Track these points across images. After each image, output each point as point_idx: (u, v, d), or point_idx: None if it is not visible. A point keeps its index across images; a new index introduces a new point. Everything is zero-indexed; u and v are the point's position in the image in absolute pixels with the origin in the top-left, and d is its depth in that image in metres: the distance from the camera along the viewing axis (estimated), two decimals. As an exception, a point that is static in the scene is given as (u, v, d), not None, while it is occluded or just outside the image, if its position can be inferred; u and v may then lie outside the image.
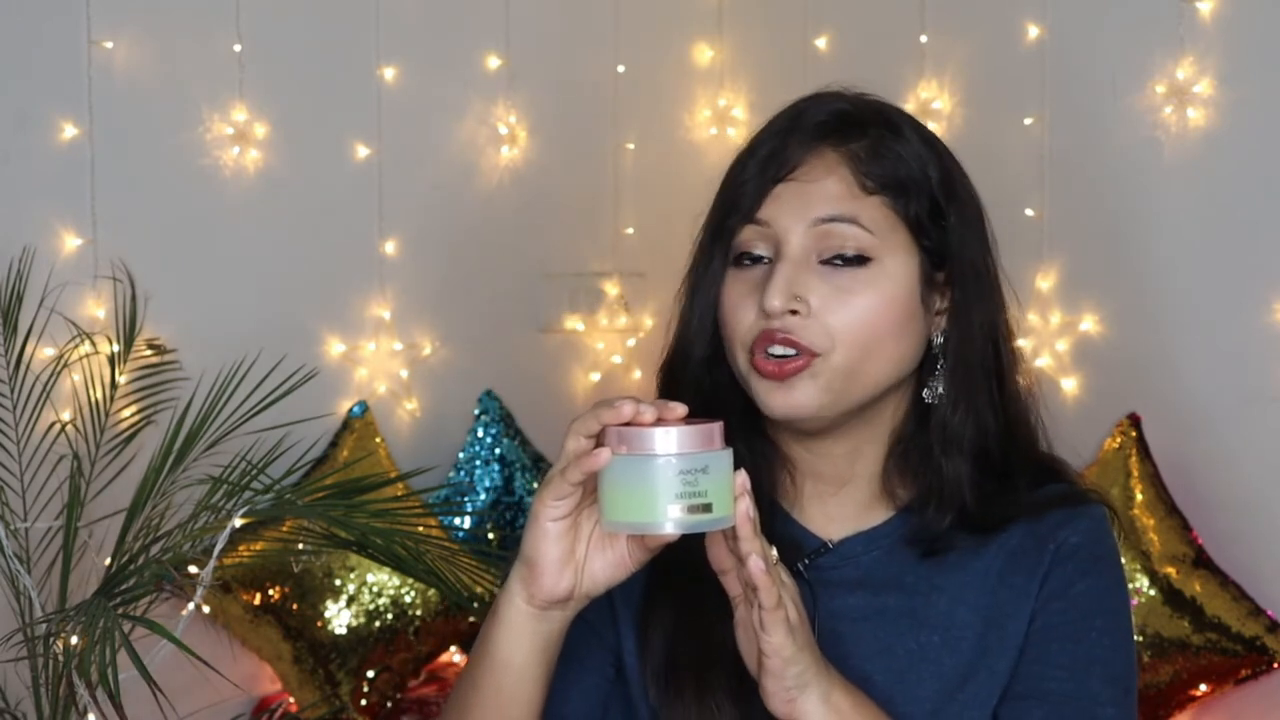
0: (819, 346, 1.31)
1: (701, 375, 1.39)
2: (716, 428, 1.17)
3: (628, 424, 1.17)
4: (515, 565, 1.26)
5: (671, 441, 1.15)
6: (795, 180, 1.34)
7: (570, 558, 1.24)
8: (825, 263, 1.33)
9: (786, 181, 1.35)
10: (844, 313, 1.31)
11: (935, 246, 1.36)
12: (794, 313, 1.31)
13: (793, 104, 1.41)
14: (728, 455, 1.17)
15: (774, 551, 1.22)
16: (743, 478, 1.19)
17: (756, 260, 1.35)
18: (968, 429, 1.37)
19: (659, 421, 1.17)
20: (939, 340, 1.38)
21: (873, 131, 1.36)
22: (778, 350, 1.31)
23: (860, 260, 1.33)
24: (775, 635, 1.20)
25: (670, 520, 1.15)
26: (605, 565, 1.25)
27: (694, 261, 1.41)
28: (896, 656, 1.36)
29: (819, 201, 1.33)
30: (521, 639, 1.27)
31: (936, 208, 1.36)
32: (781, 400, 1.32)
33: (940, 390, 1.37)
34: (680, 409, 1.19)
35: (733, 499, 1.17)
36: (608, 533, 1.23)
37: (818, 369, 1.31)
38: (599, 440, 1.19)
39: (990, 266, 1.40)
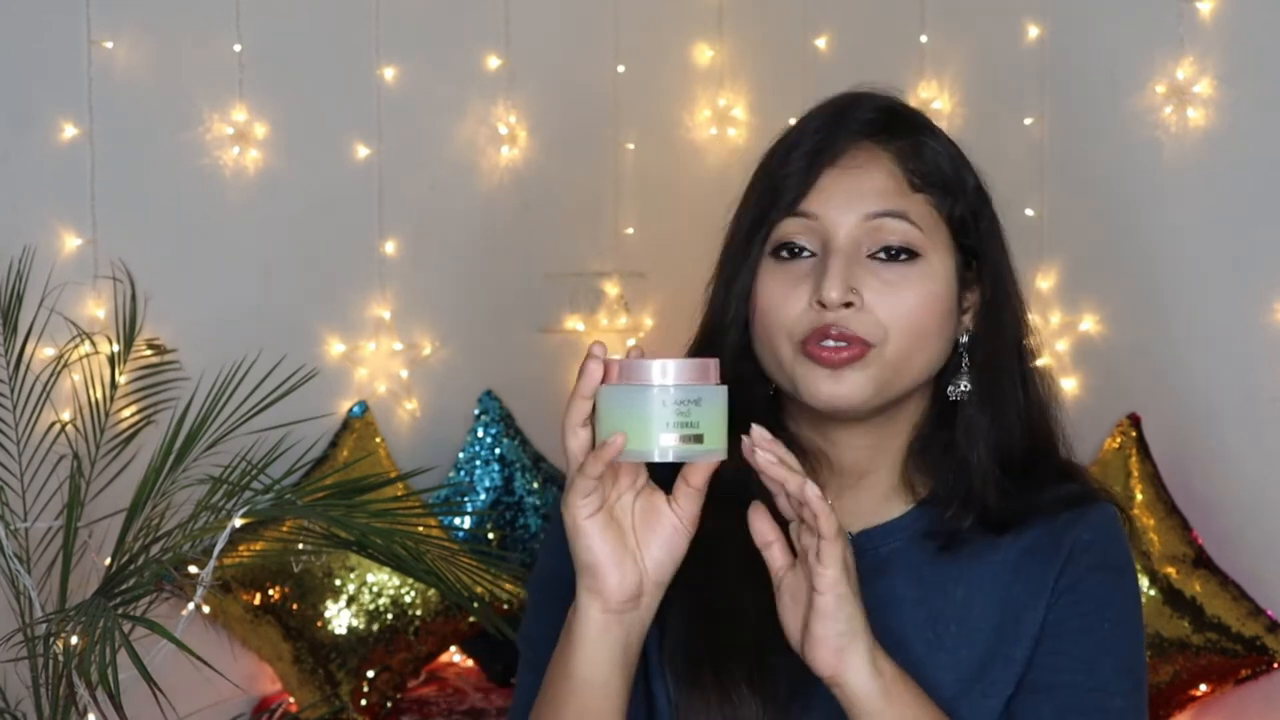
0: (873, 338, 1.32)
1: (729, 366, 1.39)
2: (712, 363, 1.20)
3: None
4: (578, 582, 1.25)
5: (668, 373, 1.18)
6: (840, 168, 1.35)
7: (625, 549, 1.24)
8: (872, 256, 1.34)
9: (832, 168, 1.35)
10: (894, 305, 1.33)
11: (972, 247, 1.39)
12: (848, 305, 1.32)
13: (834, 99, 1.42)
14: (722, 391, 1.20)
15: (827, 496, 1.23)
16: (759, 431, 1.22)
17: (797, 254, 1.35)
18: (996, 428, 1.39)
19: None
20: (964, 339, 1.40)
21: (916, 131, 1.39)
22: (831, 343, 1.32)
23: (908, 256, 1.34)
24: (832, 568, 1.21)
25: (663, 448, 1.17)
26: (661, 541, 1.25)
27: (728, 252, 1.41)
28: (913, 647, 1.36)
29: (870, 196, 1.34)
30: (601, 652, 1.26)
31: (974, 210, 1.39)
32: (830, 390, 1.33)
33: (965, 388, 1.39)
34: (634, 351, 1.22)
35: (725, 434, 1.20)
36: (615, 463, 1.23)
37: (870, 360, 1.32)
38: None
39: (1012, 270, 1.43)
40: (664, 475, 1.25)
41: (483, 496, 3.13)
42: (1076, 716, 1.32)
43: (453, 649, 3.13)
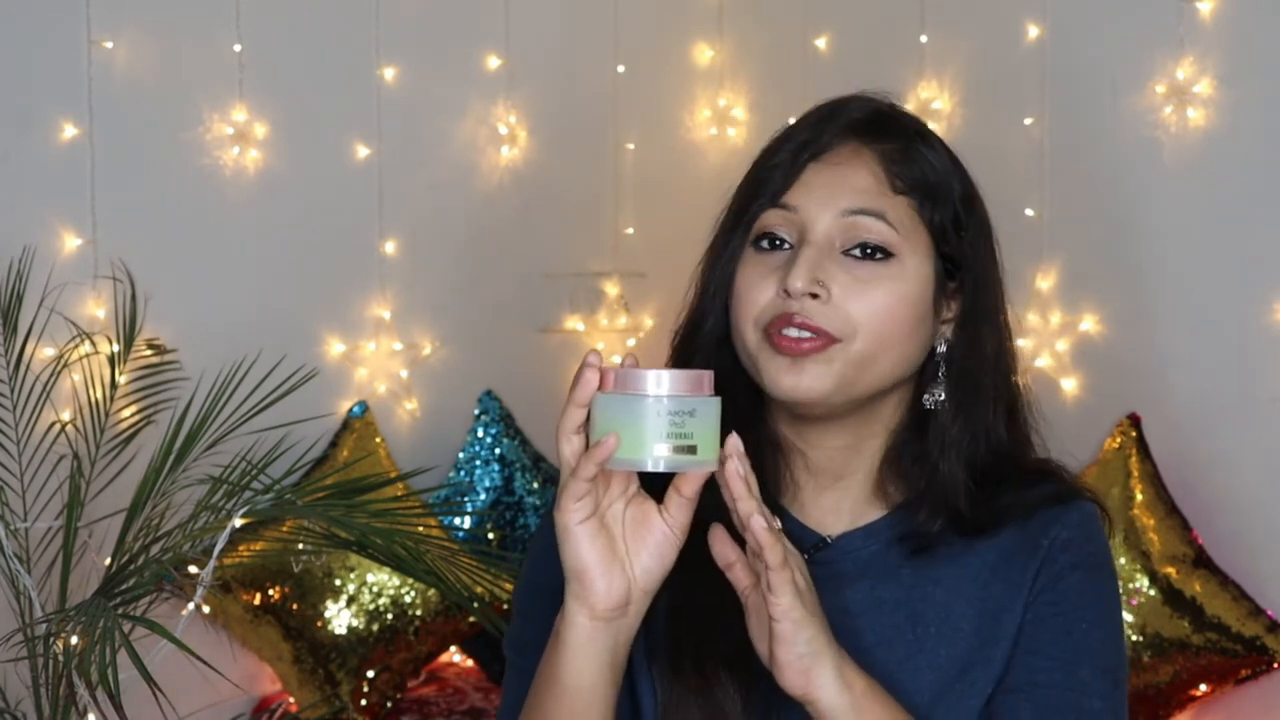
0: (839, 332, 1.32)
1: (711, 353, 1.41)
2: (707, 375, 1.21)
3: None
4: (566, 589, 1.26)
5: (663, 383, 1.18)
6: (825, 163, 1.36)
7: (613, 556, 1.25)
8: (847, 253, 1.34)
9: (817, 162, 1.36)
10: (863, 302, 1.33)
11: (952, 255, 1.39)
12: (814, 296, 1.32)
13: (833, 99, 1.43)
14: (716, 403, 1.20)
15: (777, 522, 1.23)
16: (734, 440, 1.21)
17: (777, 245, 1.36)
18: (966, 438, 1.39)
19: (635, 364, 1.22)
20: (942, 348, 1.40)
21: (906, 136, 1.39)
22: (794, 332, 1.32)
23: (882, 255, 1.34)
24: (783, 596, 1.21)
25: (656, 458, 1.18)
26: (651, 549, 1.25)
27: (714, 239, 1.43)
28: (894, 649, 1.37)
29: (848, 192, 1.35)
30: (588, 659, 1.27)
31: (957, 218, 1.39)
32: (791, 381, 1.33)
33: (941, 397, 1.39)
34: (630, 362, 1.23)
35: (718, 446, 1.20)
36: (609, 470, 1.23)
37: (834, 354, 1.32)
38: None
39: (999, 285, 1.43)
40: (654, 484, 1.25)
41: (483, 496, 3.13)
42: (1055, 717, 1.33)
43: (453, 649, 3.13)
